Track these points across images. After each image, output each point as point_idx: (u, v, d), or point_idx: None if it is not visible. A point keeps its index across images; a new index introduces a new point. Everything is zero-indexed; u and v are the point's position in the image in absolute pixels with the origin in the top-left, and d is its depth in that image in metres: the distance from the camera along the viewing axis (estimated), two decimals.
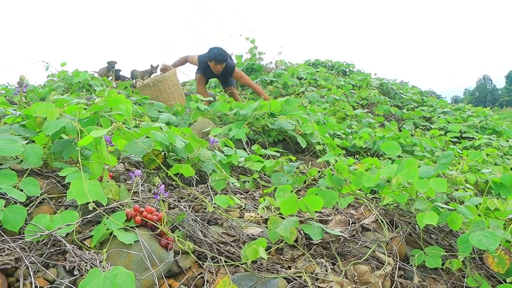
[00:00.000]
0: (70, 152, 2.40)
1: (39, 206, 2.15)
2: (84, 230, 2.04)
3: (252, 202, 2.86)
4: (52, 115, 2.28)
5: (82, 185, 1.92)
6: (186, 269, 2.00)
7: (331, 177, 2.94)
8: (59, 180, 2.38)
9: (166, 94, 6.18)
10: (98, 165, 2.14)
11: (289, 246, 2.31)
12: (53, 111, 2.28)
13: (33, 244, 1.87)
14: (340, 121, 7.32)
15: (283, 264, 2.17)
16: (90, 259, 1.78)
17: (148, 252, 1.84)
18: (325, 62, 14.13)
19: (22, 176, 2.19)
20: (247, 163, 3.47)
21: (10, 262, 1.74)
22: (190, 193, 2.64)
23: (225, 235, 2.27)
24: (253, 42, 10.60)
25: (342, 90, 9.93)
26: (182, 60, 7.49)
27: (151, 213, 1.97)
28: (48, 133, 2.27)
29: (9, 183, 2.08)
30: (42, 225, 1.88)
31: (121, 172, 2.79)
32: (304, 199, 2.25)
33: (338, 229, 2.51)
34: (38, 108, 2.39)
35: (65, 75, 7.14)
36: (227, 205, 2.43)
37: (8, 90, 6.04)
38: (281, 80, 9.82)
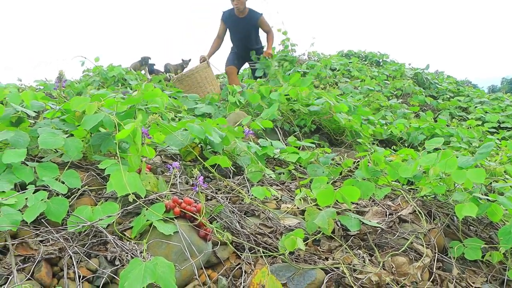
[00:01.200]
0: (108, 145, 2.45)
1: (80, 198, 2.20)
2: (124, 221, 2.07)
3: (288, 193, 2.86)
4: (90, 110, 2.32)
5: (122, 177, 1.95)
6: (224, 260, 2.02)
7: (367, 168, 2.92)
8: (99, 173, 2.43)
9: (199, 87, 6.28)
10: (136, 158, 2.17)
11: (326, 237, 2.30)
12: (91, 106, 2.32)
13: (76, 235, 1.92)
14: (375, 112, 7.24)
15: (320, 255, 2.16)
16: (131, 250, 1.81)
17: (187, 243, 1.86)
18: (358, 53, 13.99)
19: (63, 169, 2.24)
20: (282, 155, 3.47)
21: (54, 252, 1.79)
22: (227, 185, 2.66)
23: (262, 226, 2.28)
24: (285, 34, 10.53)
25: (376, 81, 9.82)
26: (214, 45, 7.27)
27: (189, 204, 1.99)
28: (87, 127, 2.32)
29: (51, 176, 2.14)
30: (84, 216, 1.92)
31: (158, 165, 2.83)
32: (340, 190, 2.24)
33: (375, 220, 2.49)
34: (77, 102, 2.43)
35: (100, 70, 7.24)
36: (264, 196, 2.44)
37: (46, 85, 6.15)
38: (314, 72, 9.76)
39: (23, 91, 2.70)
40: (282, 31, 10.47)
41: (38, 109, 2.64)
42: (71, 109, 2.48)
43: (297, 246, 1.89)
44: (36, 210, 1.89)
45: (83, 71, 8.38)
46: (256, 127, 3.73)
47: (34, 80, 6.42)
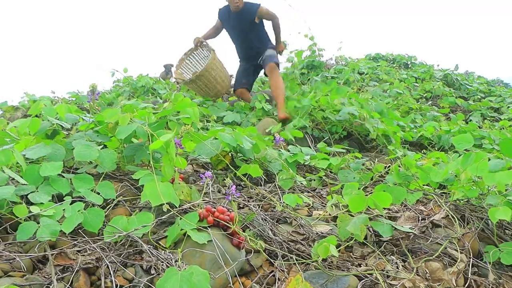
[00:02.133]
0: (141, 156, 2.50)
1: (115, 208, 2.25)
2: (158, 230, 2.11)
3: (319, 200, 2.87)
4: (123, 121, 2.37)
5: (155, 188, 1.99)
6: (258, 267, 2.04)
7: (398, 173, 2.91)
8: (132, 183, 2.47)
9: (211, 84, 5.97)
10: (169, 168, 2.21)
11: (358, 243, 2.30)
12: (124, 117, 2.38)
13: (112, 245, 1.96)
14: (404, 115, 7.19)
15: (353, 262, 2.16)
16: (166, 259, 1.84)
17: (221, 251, 1.88)
18: (386, 56, 13.89)
19: (98, 179, 2.30)
20: (313, 161, 3.48)
21: (91, 261, 1.84)
22: (259, 193, 2.68)
23: (294, 233, 2.29)
24: (312, 39, 10.53)
25: (404, 84, 9.73)
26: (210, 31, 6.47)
27: (223, 213, 2.02)
28: (121, 137, 2.37)
29: (87, 187, 2.20)
30: (119, 226, 1.96)
31: (190, 174, 2.86)
32: (372, 196, 2.23)
33: (408, 226, 2.48)
34: (110, 114, 2.49)
35: (130, 80, 7.35)
36: (295, 203, 2.45)
37: (78, 97, 6.29)
38: (342, 76, 9.73)
39: (56, 103, 2.77)
40: (309, 36, 10.48)
41: (73, 122, 2.70)
42: (104, 120, 2.54)
43: (330, 253, 1.90)
44: (74, 221, 1.95)
45: (114, 81, 8.52)
46: (286, 137, 3.75)
47: (67, 92, 6.57)
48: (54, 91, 6.59)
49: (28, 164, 2.28)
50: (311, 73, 10.09)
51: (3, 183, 2.05)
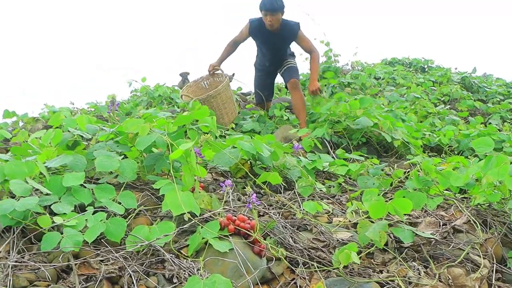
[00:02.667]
0: (161, 165, 2.52)
1: (137, 218, 2.27)
2: (179, 239, 2.12)
3: (339, 206, 2.86)
4: (143, 131, 2.40)
5: (176, 197, 2.01)
6: (279, 275, 2.04)
7: (418, 178, 2.90)
8: (153, 192, 2.50)
9: (218, 110, 5.32)
10: (189, 177, 2.23)
11: (379, 250, 2.29)
12: (144, 127, 2.40)
13: (134, 254, 1.98)
14: (422, 119, 7.14)
15: (374, 268, 2.16)
16: (188, 267, 1.85)
17: (243, 260, 1.89)
18: (402, 60, 13.80)
19: (119, 189, 2.32)
20: (331, 168, 3.48)
21: (114, 270, 1.86)
22: (278, 200, 2.68)
23: (315, 241, 2.29)
24: (327, 45, 10.51)
25: (422, 88, 9.66)
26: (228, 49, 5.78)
27: (243, 221, 2.03)
28: (141, 148, 2.40)
29: (108, 197, 2.22)
30: (141, 235, 1.98)
31: (209, 182, 2.88)
32: (392, 202, 2.23)
33: (429, 231, 2.47)
34: (130, 124, 2.52)
35: (148, 89, 7.41)
36: (315, 211, 2.45)
37: (97, 107, 6.35)
38: (358, 81, 9.68)
39: (75, 114, 2.81)
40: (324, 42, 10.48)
41: (93, 133, 2.74)
42: (124, 131, 2.57)
43: (352, 260, 1.90)
44: (96, 231, 1.97)
45: (131, 91, 8.60)
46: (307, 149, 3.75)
47: (86, 102, 6.64)
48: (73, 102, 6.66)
49: (50, 175, 2.31)
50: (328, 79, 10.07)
51: (27, 193, 2.08)
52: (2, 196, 2.30)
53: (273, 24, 5.19)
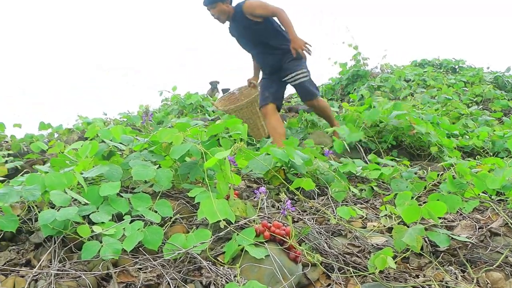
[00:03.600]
0: (196, 174, 2.56)
1: (173, 226, 2.31)
2: (215, 246, 2.15)
3: (373, 211, 2.86)
4: (177, 140, 2.44)
5: (212, 204, 2.04)
6: (315, 281, 2.05)
7: (452, 181, 2.87)
8: (188, 201, 2.53)
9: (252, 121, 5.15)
10: (224, 185, 2.27)
11: (415, 254, 2.28)
12: (177, 136, 2.45)
13: (171, 262, 2.01)
14: (455, 121, 7.05)
15: (410, 273, 2.15)
16: (225, 274, 1.88)
17: (279, 266, 1.91)
18: (432, 61, 13.64)
19: (154, 198, 2.37)
20: (364, 172, 3.47)
21: (153, 278, 1.90)
22: (312, 206, 2.70)
23: (350, 246, 2.30)
24: (356, 49, 10.50)
25: (453, 89, 9.54)
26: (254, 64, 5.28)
27: (278, 228, 2.04)
28: (175, 156, 2.44)
29: (145, 206, 2.27)
30: (178, 243, 2.02)
31: (243, 189, 2.91)
32: (426, 205, 2.21)
33: (465, 235, 2.44)
34: (164, 134, 2.57)
35: (178, 98, 7.50)
36: (349, 216, 2.45)
37: (129, 117, 6.46)
38: (388, 84, 9.63)
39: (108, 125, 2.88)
40: (353, 46, 10.45)
41: (128, 143, 2.79)
42: (159, 140, 2.62)
43: (387, 264, 1.90)
44: (135, 239, 2.01)
45: (162, 100, 8.71)
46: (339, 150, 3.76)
47: (118, 113, 6.76)
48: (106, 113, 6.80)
49: (88, 185, 2.37)
50: (357, 83, 10.04)
51: (66, 204, 2.14)
52: (42, 206, 2.36)
53: (220, 18, 4.61)
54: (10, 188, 2.20)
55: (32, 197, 2.18)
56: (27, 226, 2.33)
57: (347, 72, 10.47)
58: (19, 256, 2.15)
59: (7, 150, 4.92)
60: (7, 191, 2.16)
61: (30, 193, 2.19)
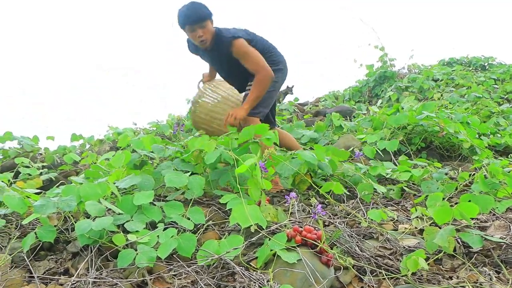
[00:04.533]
0: (225, 179, 2.60)
1: (205, 233, 2.35)
2: (248, 252, 2.18)
3: (404, 213, 2.85)
4: (209, 148, 2.49)
5: (244, 210, 2.08)
6: (347, 284, 2.05)
7: (484, 181, 2.85)
8: (219, 207, 2.57)
9: None
10: (255, 190, 2.30)
11: (448, 255, 2.27)
12: (210, 144, 2.50)
13: (205, 268, 2.05)
14: (485, 119, 6.94)
15: (443, 275, 2.14)
16: (258, 279, 1.90)
17: (311, 270, 1.92)
18: (460, 59, 13.44)
19: (185, 206, 2.42)
20: (394, 174, 3.46)
21: (187, 284, 1.94)
22: (342, 209, 2.70)
23: (382, 249, 2.30)
24: (382, 50, 10.43)
25: (483, 87, 9.40)
26: None
27: (310, 232, 2.06)
28: (209, 163, 2.50)
29: (178, 213, 2.31)
30: (211, 250, 2.05)
31: (273, 195, 2.93)
32: (458, 206, 2.20)
33: (498, 235, 2.42)
34: (196, 143, 2.62)
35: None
36: (380, 219, 2.46)
37: (159, 126, 6.53)
38: (416, 85, 9.54)
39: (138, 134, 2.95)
40: (379, 47, 10.39)
41: (159, 152, 2.85)
42: (190, 149, 2.67)
43: (420, 266, 1.90)
44: (169, 247, 2.06)
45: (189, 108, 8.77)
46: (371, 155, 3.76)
47: (148, 122, 6.84)
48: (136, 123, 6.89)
49: (121, 194, 2.43)
50: (384, 84, 9.97)
51: (101, 214, 2.20)
52: (78, 216, 2.44)
53: (207, 40, 3.68)
54: (47, 199, 2.28)
55: (68, 208, 2.25)
56: (64, 236, 2.40)
57: (374, 74, 10.39)
58: (58, 265, 2.21)
59: (42, 162, 5.02)
60: (44, 202, 2.24)
61: (66, 204, 2.26)
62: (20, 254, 2.24)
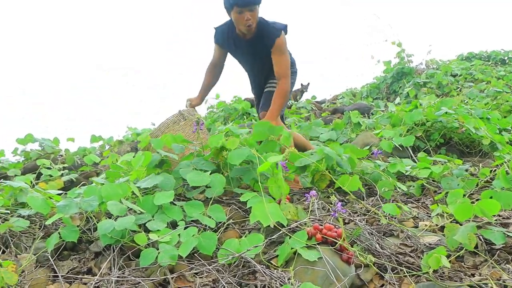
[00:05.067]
0: (250, 178, 2.62)
1: (226, 231, 2.36)
2: (268, 250, 2.18)
3: (424, 210, 2.83)
4: (232, 145, 2.52)
5: (264, 208, 2.09)
6: (368, 281, 2.05)
7: (505, 177, 2.82)
8: (240, 206, 2.59)
9: None
10: (276, 189, 2.30)
11: (469, 252, 2.25)
12: (233, 141, 2.53)
13: (226, 266, 2.06)
14: (506, 114, 6.85)
15: (465, 272, 2.12)
16: (279, 277, 1.91)
17: (332, 267, 1.93)
18: (479, 54, 13.28)
19: (206, 205, 2.43)
20: (413, 171, 3.44)
21: (209, 283, 1.96)
22: (362, 207, 2.70)
23: (402, 246, 2.29)
24: (399, 46, 10.37)
25: (503, 81, 9.27)
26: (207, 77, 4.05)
27: (330, 230, 2.07)
28: (234, 162, 2.59)
29: (199, 212, 2.33)
30: (232, 248, 2.07)
31: (293, 193, 2.94)
32: (479, 203, 2.18)
33: None
34: (215, 140, 2.65)
35: (225, 105, 7.58)
36: (395, 213, 2.44)
37: None
38: (434, 80, 9.46)
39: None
40: (396, 43, 10.33)
41: (180, 152, 2.87)
42: (210, 146, 2.70)
43: (442, 264, 1.89)
44: (190, 245, 2.08)
45: (207, 108, 8.82)
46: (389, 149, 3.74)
47: None
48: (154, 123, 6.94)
49: (142, 194, 2.45)
50: (402, 80, 9.90)
51: (123, 213, 2.22)
52: (99, 217, 2.46)
53: (252, 25, 3.47)
54: (70, 200, 2.32)
55: (90, 208, 2.29)
56: (86, 236, 2.44)
57: (392, 70, 10.32)
58: (81, 265, 2.25)
59: (62, 163, 5.09)
60: (67, 203, 2.27)
61: (89, 204, 2.29)
62: (44, 254, 2.28)
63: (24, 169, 4.81)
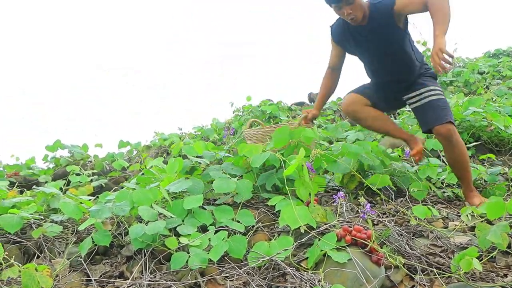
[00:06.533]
0: (272, 183, 2.64)
1: (255, 235, 2.38)
2: (298, 253, 2.19)
3: (454, 210, 2.81)
4: (257, 150, 2.54)
5: (293, 212, 2.10)
6: (398, 283, 2.05)
7: None
8: (268, 210, 2.60)
9: None
10: (304, 191, 2.31)
11: (501, 252, 2.23)
12: (257, 147, 2.54)
13: (256, 269, 2.08)
14: None
15: (498, 272, 2.10)
16: (309, 280, 1.92)
17: (362, 269, 1.93)
18: (507, 50, 13.05)
19: (235, 209, 2.46)
20: (443, 174, 3.40)
21: (240, 286, 1.97)
22: (391, 207, 2.69)
23: (432, 246, 2.28)
24: (424, 45, 10.27)
25: None
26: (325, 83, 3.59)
27: (359, 231, 2.07)
28: (256, 165, 2.54)
29: (228, 217, 2.36)
30: (262, 251, 2.09)
31: (321, 195, 2.94)
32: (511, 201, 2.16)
33: None
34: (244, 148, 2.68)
35: (252, 108, 7.60)
36: (425, 215, 2.43)
37: (203, 130, 6.61)
38: (461, 79, 9.33)
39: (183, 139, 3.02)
40: (421, 42, 10.23)
41: (210, 159, 2.91)
42: (239, 154, 2.72)
43: (473, 266, 1.87)
44: (220, 249, 2.11)
45: (233, 111, 8.85)
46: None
47: (193, 127, 6.93)
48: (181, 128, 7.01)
49: (172, 199, 2.48)
50: None
51: (153, 218, 2.26)
52: (130, 221, 2.50)
53: (357, 17, 3.12)
54: (102, 205, 2.36)
55: (122, 213, 2.33)
56: (117, 240, 2.48)
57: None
58: (113, 269, 2.29)
59: (91, 169, 5.17)
60: (100, 208, 2.32)
61: (120, 208, 2.34)
62: (77, 259, 2.33)
63: (54, 175, 4.90)
